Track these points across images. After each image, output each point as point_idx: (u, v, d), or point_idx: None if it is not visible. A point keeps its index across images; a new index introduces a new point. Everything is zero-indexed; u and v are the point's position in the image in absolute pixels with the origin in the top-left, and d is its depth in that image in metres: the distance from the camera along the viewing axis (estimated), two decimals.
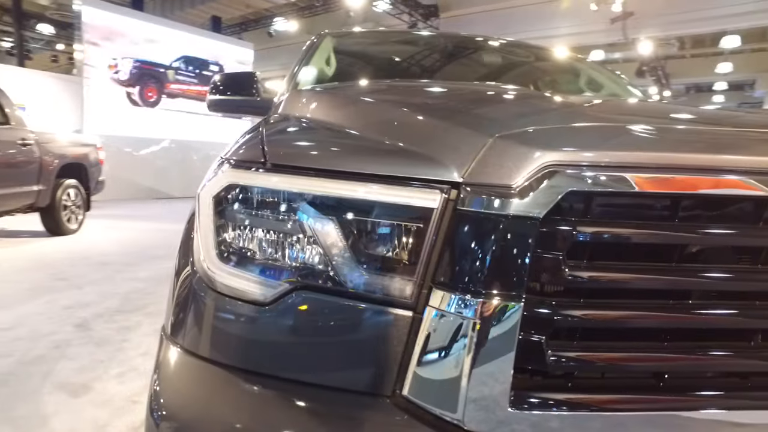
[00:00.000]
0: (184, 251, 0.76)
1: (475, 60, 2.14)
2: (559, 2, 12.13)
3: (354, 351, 0.60)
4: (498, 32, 12.70)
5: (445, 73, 2.04)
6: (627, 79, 2.36)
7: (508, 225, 0.54)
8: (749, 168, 0.56)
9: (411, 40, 2.29)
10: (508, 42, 2.37)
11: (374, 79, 1.87)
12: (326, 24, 15.93)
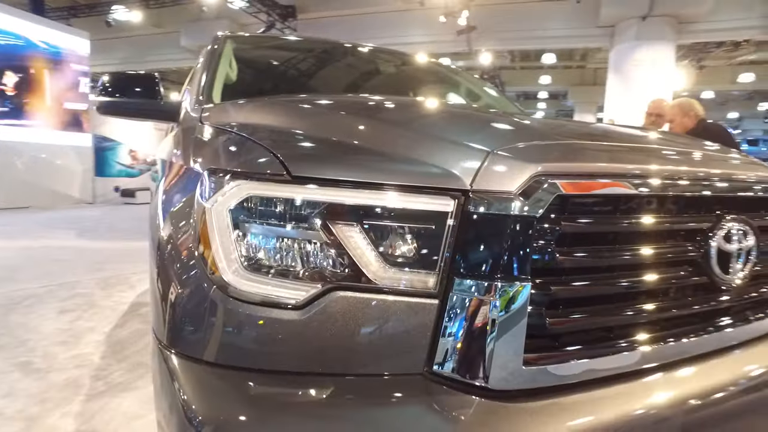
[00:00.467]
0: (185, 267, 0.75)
1: (382, 70, 2.30)
2: (411, 11, 12.95)
3: (387, 340, 0.68)
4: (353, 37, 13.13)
5: (358, 82, 2.15)
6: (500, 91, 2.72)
7: (513, 223, 0.68)
8: (662, 173, 0.79)
9: (323, 48, 2.34)
10: (409, 54, 2.57)
11: (296, 85, 1.90)
12: (174, 17, 14.80)
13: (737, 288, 0.91)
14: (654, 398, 0.73)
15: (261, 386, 0.67)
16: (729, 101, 27.59)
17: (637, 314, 0.78)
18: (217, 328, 0.70)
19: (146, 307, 3.53)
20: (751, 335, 0.94)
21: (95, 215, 9.56)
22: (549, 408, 0.67)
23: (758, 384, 0.84)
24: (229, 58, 1.90)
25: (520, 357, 0.67)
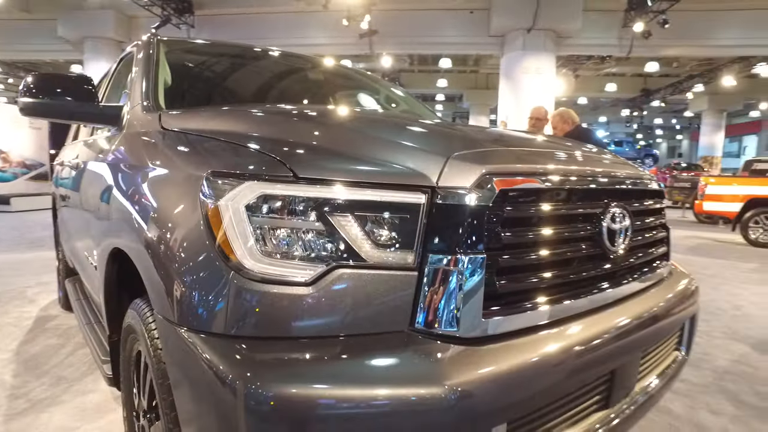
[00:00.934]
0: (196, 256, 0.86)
1: (315, 78, 2.43)
2: (314, 13, 13.00)
3: (379, 305, 0.85)
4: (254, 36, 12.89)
5: (292, 88, 2.26)
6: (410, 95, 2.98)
7: (469, 211, 0.89)
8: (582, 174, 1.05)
9: (257, 55, 2.39)
10: (341, 65, 2.74)
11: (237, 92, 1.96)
12: (48, 4, 13.39)
13: (621, 256, 1.21)
14: (572, 339, 0.98)
15: (282, 352, 0.81)
16: (599, 107, 31.14)
17: (558, 278, 1.03)
18: (237, 306, 0.83)
19: (55, 320, 3.31)
20: (634, 290, 1.25)
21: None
22: (502, 349, 0.88)
23: (642, 320, 1.15)
24: (163, 62, 1.92)
25: (479, 311, 0.88)
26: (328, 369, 0.80)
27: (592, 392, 1.09)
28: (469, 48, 14.18)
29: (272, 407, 0.75)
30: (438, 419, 0.78)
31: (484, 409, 0.81)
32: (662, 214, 1.51)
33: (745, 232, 8.08)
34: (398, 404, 0.77)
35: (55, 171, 3.63)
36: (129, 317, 1.31)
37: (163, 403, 1.00)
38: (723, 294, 4.51)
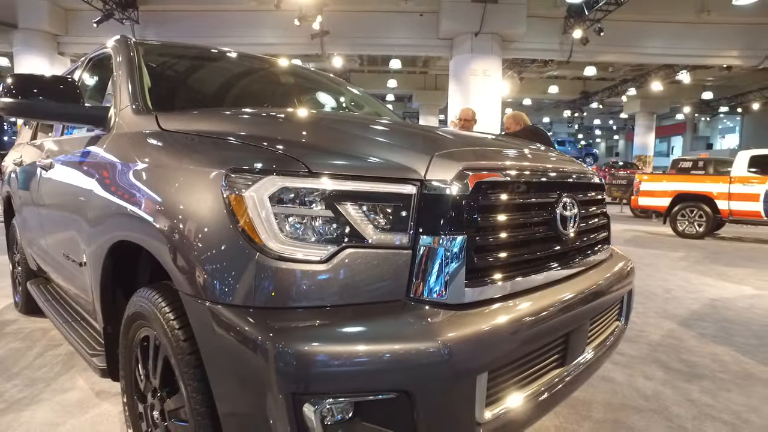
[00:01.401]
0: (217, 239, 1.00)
1: (286, 81, 2.56)
2: (265, 12, 12.90)
3: (380, 278, 1.02)
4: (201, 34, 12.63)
5: (266, 91, 2.39)
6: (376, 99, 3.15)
7: (450, 199, 1.07)
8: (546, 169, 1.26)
9: (232, 58, 2.49)
10: (309, 69, 2.89)
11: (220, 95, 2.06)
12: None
13: (571, 239, 1.43)
14: (535, 306, 1.18)
15: (302, 318, 0.95)
16: (542, 108, 32.51)
17: (523, 256, 1.24)
18: (262, 281, 0.97)
19: (14, 324, 3.23)
20: (583, 267, 1.48)
21: None
22: (481, 313, 1.07)
23: (590, 293, 1.37)
24: (142, 64, 1.99)
25: (462, 283, 1.06)
26: (340, 331, 0.95)
27: (551, 352, 1.31)
28: (418, 50, 14.53)
29: (297, 364, 0.90)
30: (433, 369, 0.95)
31: (469, 361, 1.00)
32: (603, 204, 1.76)
33: (673, 224, 8.82)
34: (400, 357, 0.94)
35: (8, 172, 3.52)
36: (133, 306, 1.40)
37: (185, 375, 1.12)
38: (656, 280, 4.98)
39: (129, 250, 1.48)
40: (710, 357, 2.81)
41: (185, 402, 1.15)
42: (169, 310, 1.21)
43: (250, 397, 0.95)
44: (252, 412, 0.96)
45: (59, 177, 2.12)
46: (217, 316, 0.99)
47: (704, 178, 8.84)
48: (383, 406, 0.95)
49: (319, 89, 2.82)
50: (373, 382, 0.93)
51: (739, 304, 4.06)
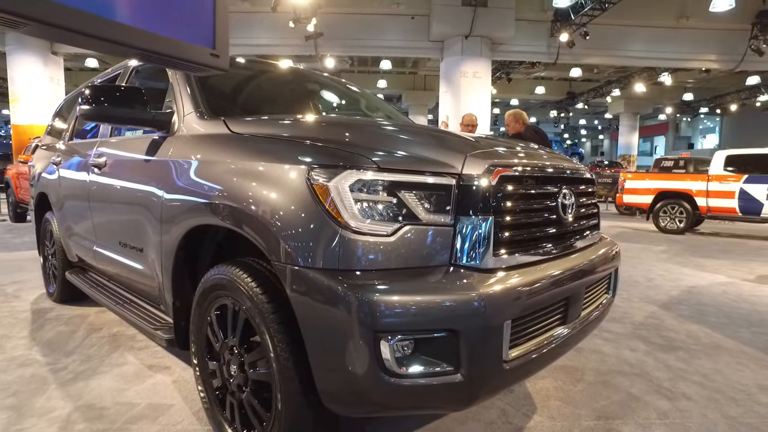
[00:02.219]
0: (306, 218, 1.31)
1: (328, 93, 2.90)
2: (260, 14, 13.11)
3: (432, 248, 1.33)
4: None
5: (311, 100, 2.73)
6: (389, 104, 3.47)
7: (480, 188, 1.39)
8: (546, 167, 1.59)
9: (276, 69, 2.80)
10: (341, 81, 3.27)
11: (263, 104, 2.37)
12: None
13: (570, 222, 1.76)
14: (545, 272, 1.50)
15: (374, 277, 1.26)
16: (529, 108, 33.05)
17: (535, 233, 1.56)
18: (345, 250, 1.27)
19: (52, 312, 3.48)
20: (579, 246, 1.82)
21: None
22: (506, 276, 1.38)
23: (585, 268, 1.70)
24: None
25: (491, 252, 1.38)
26: (405, 286, 1.27)
27: (555, 312, 1.63)
28: (410, 52, 14.85)
29: (375, 311, 1.21)
30: (474, 314, 1.27)
31: (500, 309, 1.31)
32: (594, 196, 2.10)
33: (656, 220, 9.27)
34: (450, 305, 1.26)
35: (41, 172, 3.76)
36: (210, 280, 1.70)
37: (271, 330, 1.42)
38: (639, 270, 5.36)
39: (194, 237, 1.80)
40: (685, 333, 3.18)
41: (269, 352, 1.45)
42: (251, 279, 1.51)
43: (337, 339, 1.26)
44: (338, 352, 1.27)
45: (119, 174, 2.40)
46: (310, 278, 1.29)
47: (684, 176, 9.31)
48: (436, 343, 1.27)
49: (351, 97, 3.16)
50: (430, 323, 1.24)
51: (713, 290, 4.46)
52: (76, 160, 3.04)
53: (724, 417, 2.08)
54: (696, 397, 2.26)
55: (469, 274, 1.35)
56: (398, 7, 13.16)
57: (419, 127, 2.06)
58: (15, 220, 9.44)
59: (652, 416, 2.07)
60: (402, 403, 1.31)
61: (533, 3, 13.31)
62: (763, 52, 13.25)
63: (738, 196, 8.18)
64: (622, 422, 2.02)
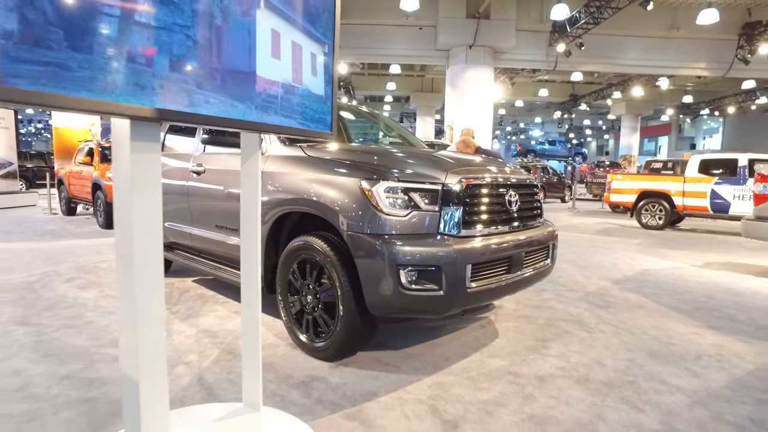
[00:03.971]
0: (361, 207, 2.41)
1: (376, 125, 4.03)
2: None
3: (428, 224, 2.43)
4: None
5: (371, 132, 3.90)
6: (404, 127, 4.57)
7: (455, 191, 2.48)
8: (507, 177, 2.69)
9: None
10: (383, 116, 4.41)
11: None
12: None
13: (514, 211, 2.85)
14: (495, 239, 2.58)
15: (396, 239, 2.35)
16: (534, 109, 33.93)
17: (489, 217, 2.65)
18: (382, 224, 2.37)
19: None
20: (520, 227, 2.90)
21: None
22: (468, 239, 2.47)
23: (524, 240, 2.79)
24: None
25: (460, 226, 2.46)
26: (413, 243, 2.37)
27: (502, 264, 2.72)
28: (418, 59, 15.92)
29: (396, 258, 2.31)
30: (450, 258, 2.36)
31: (464, 256, 2.40)
32: (537, 194, 3.18)
33: (638, 217, 10.29)
34: (437, 253, 2.35)
35: None
36: (294, 245, 2.80)
37: (336, 270, 2.52)
38: (608, 257, 6.42)
39: (277, 221, 2.91)
40: (622, 298, 4.26)
41: (335, 283, 2.55)
42: (323, 242, 2.61)
43: (377, 271, 2.35)
44: (378, 278, 2.36)
45: (217, 179, 3.52)
46: (363, 239, 2.38)
47: (664, 177, 10.31)
48: (429, 273, 2.36)
49: (389, 128, 4.31)
50: (426, 262, 2.33)
51: (662, 272, 5.51)
52: (171, 167, 4.16)
53: (620, 340, 3.15)
54: (608, 332, 3.34)
55: (447, 238, 2.45)
56: (407, 18, 14.21)
57: (421, 153, 3.15)
58: (67, 213, 10.65)
59: (574, 340, 3.16)
60: (410, 307, 2.41)
61: (533, 15, 14.32)
62: (748, 61, 14.17)
63: (709, 196, 9.19)
64: (552, 342, 3.11)
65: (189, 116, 1.38)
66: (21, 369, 2.57)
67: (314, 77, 1.86)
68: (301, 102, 1.79)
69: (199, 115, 1.41)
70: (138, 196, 1.35)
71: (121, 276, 1.38)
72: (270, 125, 1.67)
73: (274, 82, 1.65)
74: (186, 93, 1.36)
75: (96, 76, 1.14)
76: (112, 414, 2.11)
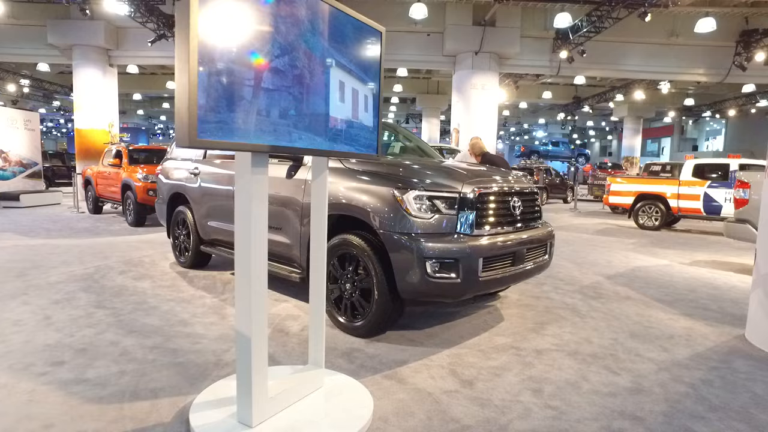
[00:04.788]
0: (394, 211, 2.99)
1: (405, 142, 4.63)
2: None
3: (448, 225, 3.00)
4: None
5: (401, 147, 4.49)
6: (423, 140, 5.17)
7: (473, 198, 3.06)
8: (513, 186, 3.28)
9: None
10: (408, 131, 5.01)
11: None
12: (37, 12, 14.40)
13: (517, 215, 3.42)
14: (502, 237, 3.15)
15: (423, 237, 2.92)
16: (538, 110, 34.41)
17: (497, 219, 3.22)
18: (411, 225, 2.94)
19: (189, 273, 5.21)
20: (524, 227, 3.47)
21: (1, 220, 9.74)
22: (479, 237, 3.03)
23: (526, 238, 3.36)
24: None
25: (473, 227, 3.04)
26: (436, 240, 2.94)
27: (507, 258, 3.28)
28: (425, 64, 16.46)
29: (423, 253, 2.89)
30: (465, 252, 2.93)
31: (475, 251, 2.97)
32: (537, 200, 3.75)
33: (636, 219, 10.83)
34: (454, 249, 2.92)
35: (184, 179, 5.45)
36: (334, 242, 3.38)
37: (372, 262, 3.10)
38: (604, 255, 6.98)
39: None
40: (612, 291, 4.82)
41: (371, 272, 3.13)
42: (362, 240, 3.19)
43: (408, 262, 2.92)
44: (408, 268, 2.93)
45: None
46: (396, 237, 2.96)
47: (660, 180, 10.83)
48: (449, 264, 2.93)
49: (408, 139, 4.91)
50: (446, 255, 2.91)
51: (651, 269, 6.07)
52: (218, 173, 4.74)
53: (607, 324, 3.71)
54: (597, 317, 3.91)
55: (463, 236, 3.02)
56: (416, 25, 14.76)
57: (441, 166, 3.72)
58: (93, 211, 11.28)
59: (567, 324, 3.73)
60: (434, 292, 2.98)
61: (537, 23, 14.84)
62: (746, 68, 14.66)
63: (702, 199, 9.72)
64: (549, 325, 3.68)
65: (289, 149, 1.96)
66: (116, 341, 3.16)
67: (366, 113, 2.43)
68: (357, 132, 2.37)
69: (295, 148, 1.99)
70: (255, 201, 1.93)
71: (240, 257, 1.97)
72: (337, 152, 2.25)
73: (340, 120, 2.23)
74: (288, 133, 1.94)
75: (239, 127, 1.73)
76: (200, 374, 2.70)
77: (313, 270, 2.46)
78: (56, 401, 2.34)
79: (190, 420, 2.12)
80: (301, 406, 2.27)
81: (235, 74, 1.69)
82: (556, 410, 2.35)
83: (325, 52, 2.09)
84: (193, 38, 1.51)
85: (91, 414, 2.23)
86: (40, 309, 3.80)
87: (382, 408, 2.33)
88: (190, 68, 1.51)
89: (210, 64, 1.59)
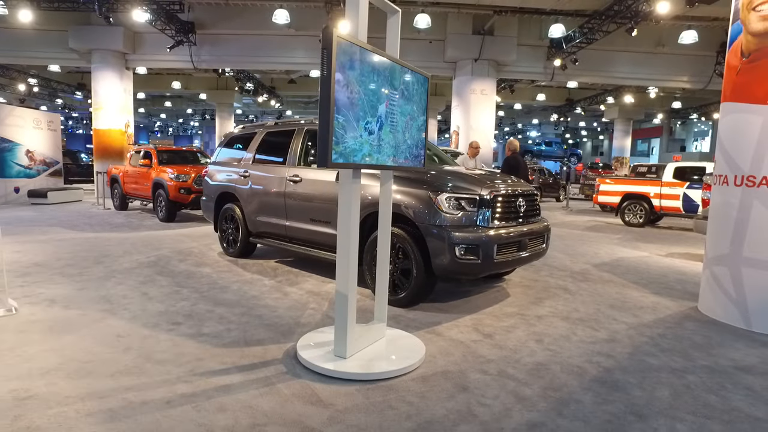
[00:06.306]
0: (430, 208, 3.91)
1: None
2: (300, 37, 15.63)
3: (470, 220, 3.93)
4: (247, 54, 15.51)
5: None
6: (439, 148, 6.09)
7: (489, 199, 4.00)
8: (519, 189, 4.22)
9: None
10: None
11: None
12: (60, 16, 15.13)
13: (522, 212, 4.36)
14: (512, 229, 4.09)
15: (453, 227, 3.84)
16: (532, 111, 35.43)
17: (508, 215, 4.15)
18: (443, 220, 3.87)
19: (239, 262, 6.11)
20: (526, 221, 4.41)
21: (37, 216, 10.54)
22: (495, 229, 3.96)
23: (528, 230, 4.31)
24: None
25: (490, 221, 3.97)
26: (463, 231, 3.86)
27: (515, 245, 4.21)
28: (427, 70, 17.03)
29: (453, 240, 3.81)
30: (485, 240, 3.86)
31: (492, 240, 3.89)
32: (537, 200, 4.69)
33: (622, 216, 11.83)
34: (478, 237, 3.85)
35: (233, 179, 6.33)
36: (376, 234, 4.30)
37: (413, 249, 4.02)
38: (593, 249, 7.95)
39: None
40: (598, 276, 5.79)
41: (411, 255, 4.05)
42: (403, 232, 4.12)
43: (441, 247, 3.84)
44: (441, 252, 3.85)
45: (311, 185, 5.00)
46: (432, 228, 3.88)
47: (644, 182, 11.84)
48: (472, 249, 3.85)
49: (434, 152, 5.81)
50: (470, 242, 3.83)
51: (632, 259, 7.05)
52: (269, 175, 5.64)
53: (592, 299, 4.66)
54: (584, 294, 4.87)
55: (483, 228, 3.96)
56: (419, 33, 15.67)
57: (463, 173, 4.63)
58: (119, 208, 12.09)
59: (561, 299, 4.68)
60: (461, 270, 3.91)
61: (532, 32, 15.81)
62: None
63: (682, 199, 10.73)
64: (546, 299, 4.62)
65: (375, 166, 2.88)
66: (210, 309, 4.06)
67: (417, 134, 3.35)
68: (410, 150, 3.29)
69: (378, 165, 2.91)
70: (353, 202, 2.84)
71: (342, 239, 2.88)
72: (401, 166, 3.18)
73: (403, 143, 3.16)
74: (376, 156, 2.86)
75: (354, 152, 2.64)
76: (288, 330, 3.60)
77: (380, 251, 3.37)
78: (194, 346, 3.24)
79: (301, 354, 3.03)
80: (374, 348, 3.19)
81: (351, 122, 2.61)
82: (552, 352, 3.29)
83: (400, 100, 3.02)
84: (332, 102, 2.42)
85: (223, 353, 3.14)
86: (135, 287, 4.69)
87: (429, 350, 3.25)
88: (330, 118, 2.43)
89: (338, 115, 2.51)
